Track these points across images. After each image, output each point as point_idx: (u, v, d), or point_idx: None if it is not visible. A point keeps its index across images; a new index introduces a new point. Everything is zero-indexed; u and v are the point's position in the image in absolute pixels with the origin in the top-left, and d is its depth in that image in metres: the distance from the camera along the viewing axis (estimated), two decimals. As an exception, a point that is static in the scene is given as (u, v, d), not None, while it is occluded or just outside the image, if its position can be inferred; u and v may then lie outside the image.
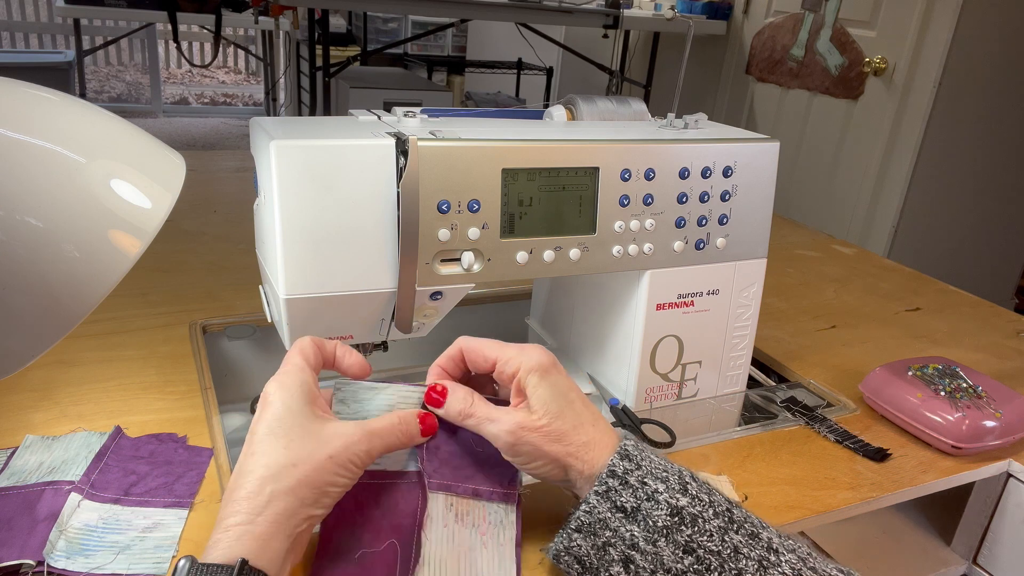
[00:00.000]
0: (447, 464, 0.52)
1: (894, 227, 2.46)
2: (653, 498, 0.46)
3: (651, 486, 0.47)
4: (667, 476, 0.47)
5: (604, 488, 0.47)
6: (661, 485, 0.47)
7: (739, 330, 0.75)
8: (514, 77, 4.09)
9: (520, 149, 0.61)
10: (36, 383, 0.67)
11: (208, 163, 1.43)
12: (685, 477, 0.48)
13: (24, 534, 0.49)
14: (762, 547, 0.45)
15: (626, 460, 0.48)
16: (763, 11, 2.94)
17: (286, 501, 0.44)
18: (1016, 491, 0.71)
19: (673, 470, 0.48)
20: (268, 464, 0.45)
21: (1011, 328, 0.99)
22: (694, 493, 0.47)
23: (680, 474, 0.48)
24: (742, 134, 0.73)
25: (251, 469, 0.45)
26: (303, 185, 0.56)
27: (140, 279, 0.89)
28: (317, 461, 0.46)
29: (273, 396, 0.48)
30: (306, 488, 0.45)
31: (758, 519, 0.47)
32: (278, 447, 0.46)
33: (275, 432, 0.46)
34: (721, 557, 0.45)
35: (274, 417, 0.47)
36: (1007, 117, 2.45)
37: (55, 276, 0.41)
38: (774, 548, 0.45)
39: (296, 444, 0.46)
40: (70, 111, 0.45)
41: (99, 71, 5.64)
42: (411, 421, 0.51)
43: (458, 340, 0.55)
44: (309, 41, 3.05)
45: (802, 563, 0.45)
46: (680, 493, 0.46)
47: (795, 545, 0.46)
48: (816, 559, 0.46)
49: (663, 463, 0.49)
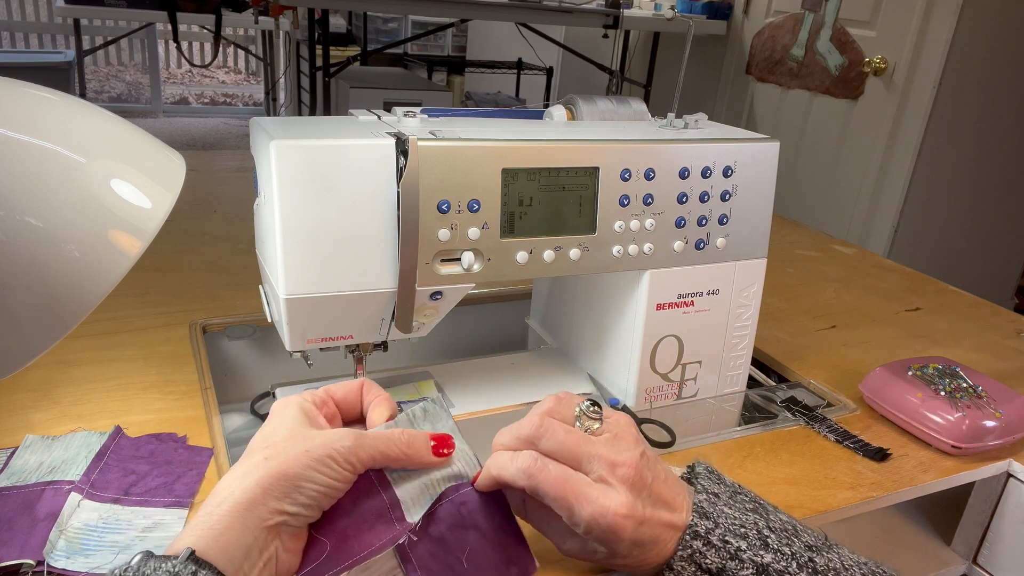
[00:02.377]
0: None
1: (894, 227, 2.46)
2: (737, 557, 0.45)
3: (733, 544, 0.45)
4: (746, 532, 0.46)
5: (689, 552, 0.45)
6: (743, 543, 0.45)
7: (739, 330, 0.75)
8: (514, 77, 4.09)
9: (520, 149, 0.61)
10: (36, 383, 0.67)
11: (208, 163, 1.43)
12: (763, 529, 0.46)
13: (24, 534, 0.49)
14: None
15: (705, 519, 0.46)
16: (763, 11, 2.94)
17: (249, 491, 0.41)
18: (1016, 491, 0.71)
19: (750, 522, 0.46)
20: (244, 465, 0.44)
21: (1011, 328, 0.99)
22: (776, 547, 0.45)
23: (757, 525, 0.46)
24: (742, 134, 0.73)
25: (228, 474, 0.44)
26: (303, 185, 0.56)
27: (140, 279, 0.89)
28: (290, 454, 0.43)
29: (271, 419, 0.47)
30: (274, 478, 0.42)
31: (840, 560, 0.46)
32: (258, 455, 0.44)
33: (258, 444, 0.45)
34: None
35: (261, 435, 0.46)
36: (1007, 117, 2.45)
37: (55, 276, 0.41)
38: None
39: (276, 446, 0.44)
40: (70, 111, 0.45)
41: (99, 71, 5.64)
42: (420, 438, 0.48)
43: (530, 425, 0.48)
44: (309, 41, 3.05)
45: None
46: (763, 549, 0.45)
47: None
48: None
49: (737, 514, 0.47)
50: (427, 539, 0.45)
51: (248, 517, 0.41)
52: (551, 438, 0.46)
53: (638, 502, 0.45)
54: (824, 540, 0.47)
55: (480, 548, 0.46)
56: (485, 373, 0.79)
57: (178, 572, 0.37)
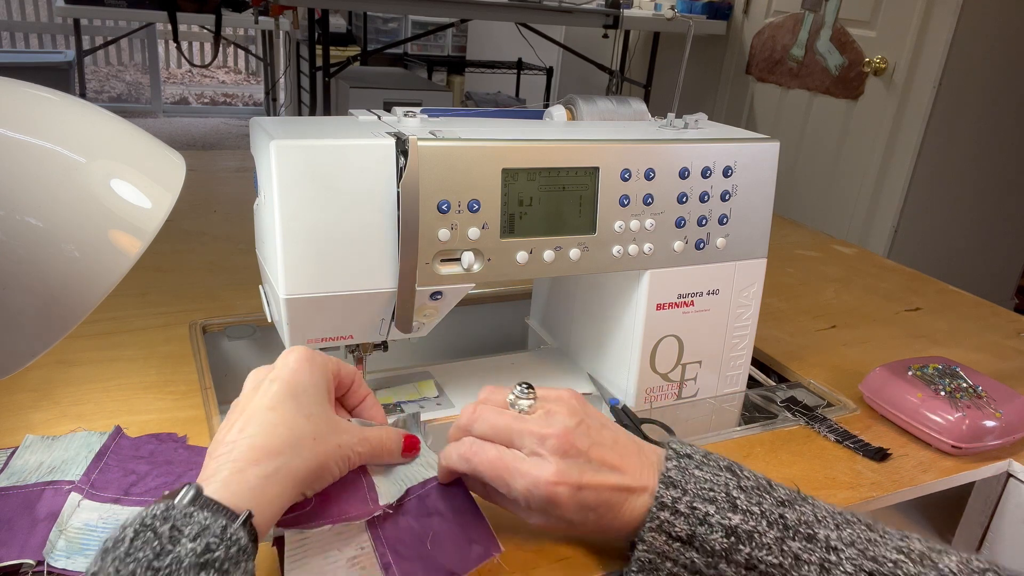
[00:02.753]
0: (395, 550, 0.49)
1: (894, 227, 2.46)
2: (706, 521, 0.46)
3: (701, 509, 0.46)
4: (714, 495, 0.46)
5: (657, 523, 0.46)
6: (711, 507, 0.46)
7: (739, 330, 0.75)
8: (514, 77, 4.09)
9: (520, 149, 0.61)
10: (36, 383, 0.67)
11: (208, 163, 1.43)
12: (731, 489, 0.47)
13: (24, 534, 0.49)
14: (821, 548, 0.45)
15: (672, 488, 0.47)
16: (763, 11, 2.94)
17: (297, 472, 0.44)
18: (1016, 491, 0.71)
19: (719, 484, 0.47)
20: (291, 427, 0.45)
21: (1011, 328, 0.99)
22: (744, 507, 0.46)
23: (727, 487, 0.47)
24: (742, 134, 0.73)
25: (270, 421, 0.45)
26: (303, 185, 0.56)
27: (140, 279, 0.89)
28: (331, 443, 0.47)
29: (300, 365, 0.49)
30: (314, 465, 0.46)
31: (813, 512, 0.47)
32: (299, 415, 0.46)
33: (298, 398, 0.47)
34: (783, 568, 0.45)
35: (299, 384, 0.48)
36: (1007, 117, 2.45)
37: (55, 276, 0.41)
38: (832, 547, 0.45)
39: (316, 419, 0.47)
40: (70, 111, 0.45)
41: (99, 71, 5.64)
42: (395, 438, 0.53)
43: (463, 419, 0.52)
44: (309, 41, 3.05)
45: (862, 555, 0.45)
46: (731, 511, 0.46)
47: (854, 536, 0.46)
48: (877, 543, 0.46)
49: (708, 476, 0.48)
50: (395, 524, 0.49)
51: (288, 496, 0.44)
52: (483, 421, 0.50)
53: (572, 469, 0.47)
54: (796, 494, 0.48)
55: (443, 531, 0.49)
56: (485, 373, 0.79)
57: (236, 537, 0.39)
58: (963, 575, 0.44)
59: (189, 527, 0.37)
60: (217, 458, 0.44)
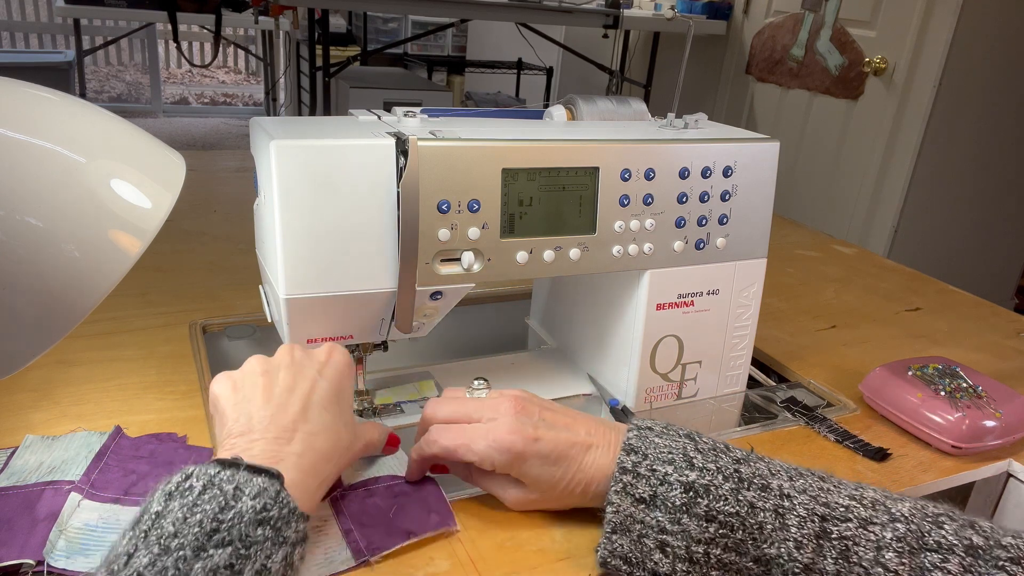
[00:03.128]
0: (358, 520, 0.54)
1: (894, 227, 2.46)
2: (665, 481, 0.49)
3: (660, 471, 0.49)
4: (672, 457, 0.50)
5: (621, 485, 0.49)
6: (669, 467, 0.49)
7: (739, 330, 0.75)
8: (514, 77, 4.09)
9: (520, 149, 0.61)
10: (36, 383, 0.67)
11: (208, 163, 1.43)
12: (689, 451, 0.50)
13: (24, 534, 0.49)
14: (774, 496, 0.48)
15: (632, 454, 0.50)
16: (763, 11, 2.94)
17: (329, 478, 0.50)
18: (1016, 491, 0.71)
19: (678, 448, 0.50)
20: (338, 435, 0.51)
21: (1011, 328, 0.99)
22: (701, 465, 0.49)
23: (684, 449, 0.50)
24: (742, 134, 0.73)
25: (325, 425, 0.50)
26: (303, 185, 0.56)
27: (140, 279, 0.89)
28: (352, 452, 0.54)
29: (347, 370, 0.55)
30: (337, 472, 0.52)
31: (767, 467, 0.50)
32: (340, 422, 0.52)
33: (340, 403, 0.53)
34: (740, 516, 0.47)
35: (344, 390, 0.54)
36: (1007, 117, 2.45)
37: (55, 276, 0.41)
38: (785, 494, 0.48)
39: (350, 428, 0.53)
40: (70, 111, 0.45)
41: (99, 71, 5.64)
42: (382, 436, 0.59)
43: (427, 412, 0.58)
44: (309, 41, 3.05)
45: (814, 501, 0.48)
46: (688, 469, 0.49)
47: (806, 484, 0.49)
48: (830, 491, 0.49)
49: (667, 443, 0.51)
50: (361, 503, 0.54)
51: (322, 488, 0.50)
52: (444, 407, 0.56)
53: (526, 424, 0.53)
54: (752, 454, 0.51)
55: (405, 504, 0.55)
56: (485, 373, 0.79)
57: (287, 500, 0.43)
58: (916, 519, 0.47)
59: (250, 488, 0.42)
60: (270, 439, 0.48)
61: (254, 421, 0.48)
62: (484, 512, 0.56)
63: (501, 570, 0.51)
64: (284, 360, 0.53)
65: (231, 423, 0.49)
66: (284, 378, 0.52)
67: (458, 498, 0.57)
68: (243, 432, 0.48)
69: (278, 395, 0.50)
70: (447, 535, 0.53)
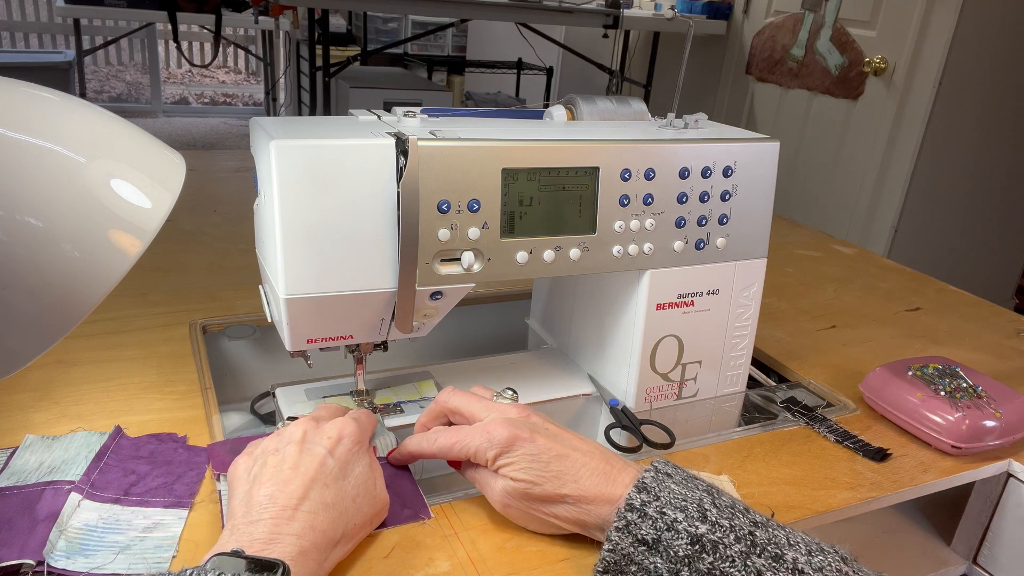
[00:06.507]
0: None
1: (894, 227, 2.46)
2: (673, 528, 0.46)
3: (670, 515, 0.46)
4: (686, 505, 0.47)
5: (624, 523, 0.47)
6: (680, 514, 0.46)
7: (739, 330, 0.75)
8: (514, 77, 4.09)
9: (520, 149, 0.61)
10: (36, 383, 0.67)
11: (208, 163, 1.43)
12: (705, 504, 0.47)
13: (24, 534, 0.49)
14: (786, 570, 0.44)
15: (643, 492, 0.48)
16: (763, 11, 2.94)
17: (338, 554, 0.49)
18: (1016, 491, 0.71)
19: (693, 498, 0.47)
20: (342, 512, 0.49)
21: (1011, 328, 0.99)
22: (714, 519, 0.46)
23: (700, 501, 0.47)
24: (742, 134, 0.73)
25: (322, 500, 0.48)
26: (303, 185, 0.56)
27: (140, 279, 0.89)
28: (375, 523, 0.53)
29: (352, 445, 0.53)
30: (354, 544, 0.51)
31: (785, 536, 0.46)
32: (347, 498, 0.50)
33: (353, 479, 0.51)
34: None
35: (353, 467, 0.52)
36: (1007, 117, 2.45)
37: (55, 276, 0.41)
38: (800, 569, 0.44)
39: (372, 498, 0.52)
40: (70, 111, 0.45)
41: (99, 71, 5.64)
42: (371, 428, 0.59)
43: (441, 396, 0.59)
44: (309, 41, 3.05)
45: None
46: (700, 521, 0.46)
47: (825, 562, 0.45)
48: (848, 575, 0.44)
49: (683, 491, 0.48)
50: None
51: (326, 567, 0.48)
52: (457, 397, 0.57)
53: (524, 426, 0.53)
54: (772, 520, 0.48)
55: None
56: (485, 373, 0.79)
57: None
58: None
59: None
60: (267, 520, 0.46)
61: (254, 501, 0.48)
62: (484, 513, 0.56)
63: (501, 571, 0.51)
64: (295, 436, 0.53)
65: (235, 503, 0.49)
66: (291, 455, 0.51)
67: (459, 499, 0.57)
68: (245, 513, 0.47)
69: (282, 473, 0.49)
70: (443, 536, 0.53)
